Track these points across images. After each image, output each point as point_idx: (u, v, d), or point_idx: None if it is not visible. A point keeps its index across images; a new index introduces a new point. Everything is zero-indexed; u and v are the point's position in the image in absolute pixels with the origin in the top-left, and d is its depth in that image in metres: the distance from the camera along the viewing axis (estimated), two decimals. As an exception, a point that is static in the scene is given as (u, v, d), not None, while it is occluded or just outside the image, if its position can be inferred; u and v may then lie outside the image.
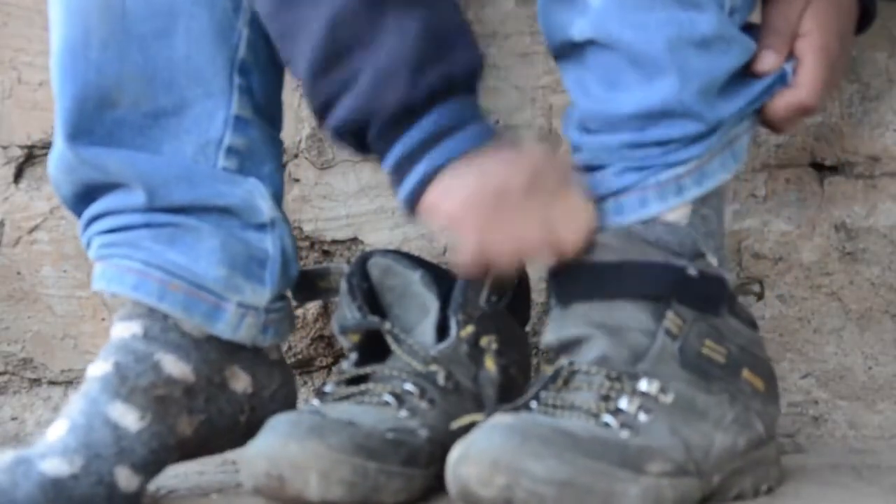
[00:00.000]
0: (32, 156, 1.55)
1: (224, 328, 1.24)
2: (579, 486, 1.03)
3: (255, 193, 1.27)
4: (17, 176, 1.56)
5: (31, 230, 1.56)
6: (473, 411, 1.22)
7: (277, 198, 1.30)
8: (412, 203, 1.13)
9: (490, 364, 1.24)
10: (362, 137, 1.14)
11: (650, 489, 1.05)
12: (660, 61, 1.12)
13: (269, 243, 1.27)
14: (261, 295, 1.26)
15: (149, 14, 1.24)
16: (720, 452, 1.11)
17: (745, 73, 1.16)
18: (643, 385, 1.10)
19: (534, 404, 1.12)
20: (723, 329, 1.15)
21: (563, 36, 1.15)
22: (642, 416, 1.09)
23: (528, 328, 1.34)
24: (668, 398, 1.10)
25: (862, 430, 1.45)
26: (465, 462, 1.04)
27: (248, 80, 1.28)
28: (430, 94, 1.11)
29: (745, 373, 1.15)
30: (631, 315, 1.12)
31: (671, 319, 1.12)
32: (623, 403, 1.09)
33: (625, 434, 1.07)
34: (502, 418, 1.06)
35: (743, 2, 1.16)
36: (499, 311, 1.27)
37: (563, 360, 1.13)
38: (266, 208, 1.27)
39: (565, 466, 1.02)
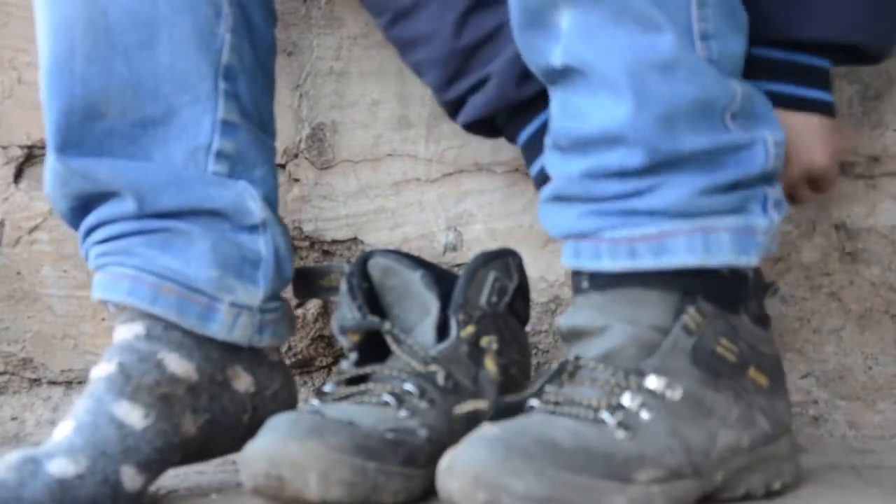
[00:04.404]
0: (32, 156, 1.55)
1: (218, 329, 1.25)
2: (559, 500, 1.03)
3: (245, 196, 1.28)
4: (17, 176, 1.56)
5: (31, 230, 1.56)
6: (473, 411, 1.22)
7: (270, 200, 1.31)
8: (541, 181, 1.29)
9: (490, 364, 1.24)
10: (492, 126, 1.34)
11: (638, 498, 1.05)
12: (620, 85, 1.10)
13: (261, 244, 1.28)
14: (254, 295, 1.27)
15: (132, 25, 1.25)
16: (722, 450, 1.11)
17: (722, 115, 1.13)
18: (650, 382, 1.10)
19: (535, 402, 1.12)
20: (737, 327, 1.14)
21: (545, 63, 1.15)
22: (644, 415, 1.09)
23: (528, 328, 1.34)
24: (676, 394, 1.10)
25: (862, 430, 1.45)
26: (449, 475, 1.04)
27: (234, 85, 1.29)
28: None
29: (751, 371, 1.15)
30: (650, 308, 1.12)
31: (691, 315, 1.12)
32: (626, 400, 1.09)
33: (620, 435, 1.07)
34: (490, 429, 1.07)
35: (717, 27, 1.12)
36: (499, 311, 1.27)
37: (570, 353, 1.13)
38: (257, 210, 1.28)
39: (545, 483, 1.03)
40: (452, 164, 1.49)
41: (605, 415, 1.08)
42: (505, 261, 1.29)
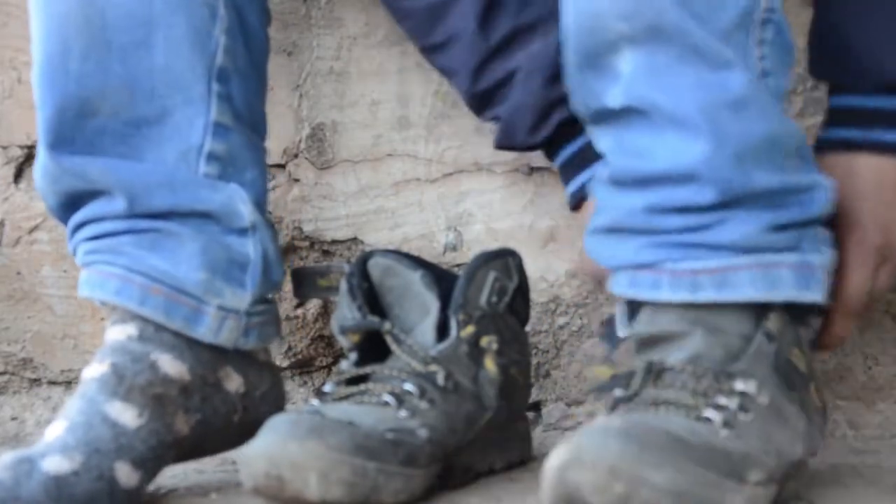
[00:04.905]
0: (32, 156, 1.55)
1: (205, 332, 1.25)
2: (694, 496, 1.00)
3: (235, 198, 1.28)
4: (17, 176, 1.56)
5: (31, 230, 1.56)
6: (473, 411, 1.22)
7: (260, 203, 1.31)
8: (573, 204, 1.31)
9: (490, 364, 1.24)
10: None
11: (752, 499, 1.03)
12: (694, 124, 1.09)
13: (250, 247, 1.28)
14: (241, 298, 1.27)
15: (128, 24, 1.25)
16: (795, 462, 1.10)
17: (787, 154, 1.12)
18: (740, 384, 1.08)
19: (621, 407, 1.09)
20: (804, 342, 1.14)
21: (599, 104, 1.14)
22: (742, 416, 1.07)
23: (528, 328, 1.34)
24: (764, 399, 1.09)
25: (862, 430, 1.45)
26: (576, 468, 1.00)
27: (227, 87, 1.29)
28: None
29: (812, 387, 1.14)
30: (732, 316, 1.11)
31: (773, 321, 1.11)
32: (722, 400, 1.07)
33: (724, 433, 1.05)
34: (612, 421, 1.03)
35: (773, 63, 1.12)
36: (499, 311, 1.27)
37: (653, 357, 1.11)
38: (247, 213, 1.28)
39: (683, 476, 1.00)
40: (452, 164, 1.49)
41: (709, 412, 1.06)
42: (505, 261, 1.29)
